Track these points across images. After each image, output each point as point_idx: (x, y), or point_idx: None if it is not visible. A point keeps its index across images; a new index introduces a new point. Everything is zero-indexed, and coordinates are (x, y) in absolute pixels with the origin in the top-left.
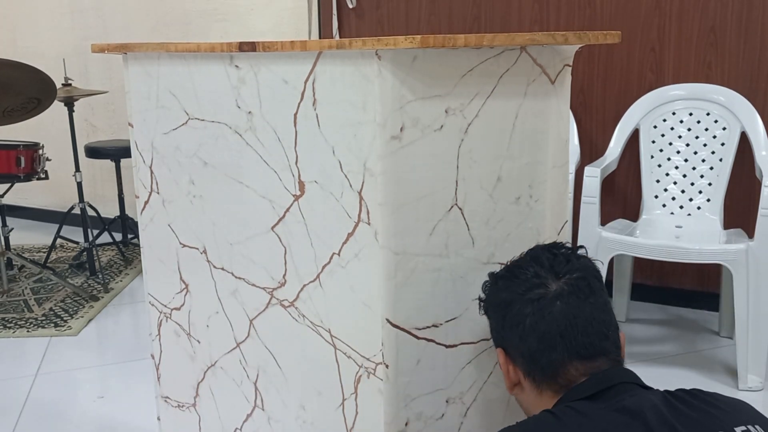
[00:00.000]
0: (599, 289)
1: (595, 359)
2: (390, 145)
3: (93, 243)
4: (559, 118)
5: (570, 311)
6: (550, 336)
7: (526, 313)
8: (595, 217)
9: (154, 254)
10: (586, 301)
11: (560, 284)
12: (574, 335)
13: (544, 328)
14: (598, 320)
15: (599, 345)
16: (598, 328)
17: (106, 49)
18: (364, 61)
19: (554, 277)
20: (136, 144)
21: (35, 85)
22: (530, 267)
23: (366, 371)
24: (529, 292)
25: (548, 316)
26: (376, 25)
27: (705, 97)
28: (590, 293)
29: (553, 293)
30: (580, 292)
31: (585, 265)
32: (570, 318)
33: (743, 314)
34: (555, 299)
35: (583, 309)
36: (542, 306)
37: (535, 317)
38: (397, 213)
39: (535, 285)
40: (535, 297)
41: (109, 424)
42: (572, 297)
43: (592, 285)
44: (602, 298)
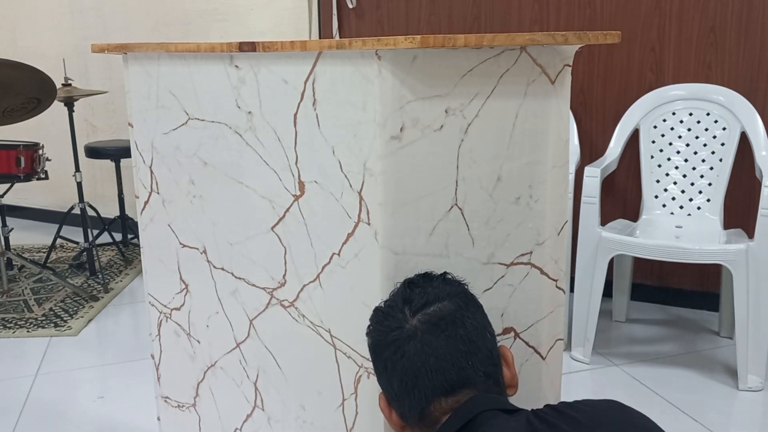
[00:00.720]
0: (460, 318)
1: (457, 393)
2: (390, 145)
3: (93, 243)
4: (559, 118)
5: (423, 350)
6: (407, 378)
7: (386, 357)
8: (595, 217)
9: (154, 254)
10: (441, 334)
11: (414, 322)
12: (429, 375)
13: (401, 371)
14: (454, 354)
15: (458, 378)
16: (454, 361)
17: (106, 49)
18: (364, 61)
19: (411, 315)
20: (136, 144)
21: (35, 85)
22: (390, 308)
23: (366, 371)
24: (388, 335)
25: (402, 358)
26: (376, 25)
27: (705, 97)
28: (446, 326)
29: (407, 333)
30: (434, 328)
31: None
32: (423, 357)
33: (743, 314)
34: (408, 340)
35: (437, 345)
36: (397, 349)
37: (393, 360)
38: (397, 213)
39: (392, 328)
40: (392, 340)
41: (109, 424)
42: (426, 334)
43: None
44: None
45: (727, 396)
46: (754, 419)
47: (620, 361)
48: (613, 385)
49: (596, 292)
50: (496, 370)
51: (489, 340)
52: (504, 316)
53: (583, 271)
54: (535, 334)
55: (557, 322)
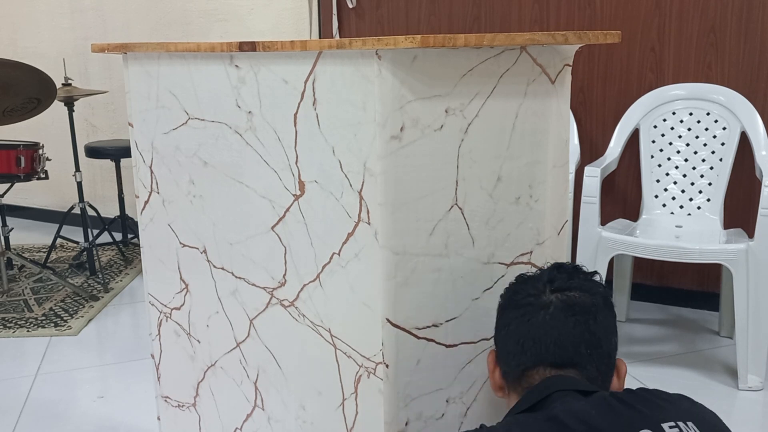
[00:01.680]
0: (595, 312)
1: (563, 369)
2: (390, 145)
3: (93, 243)
4: (559, 118)
5: (550, 322)
6: (524, 340)
7: (512, 317)
8: (595, 217)
9: (154, 254)
10: (572, 317)
11: (551, 298)
12: (545, 342)
13: (522, 332)
14: (577, 336)
15: (570, 357)
16: (576, 342)
17: (106, 49)
18: (364, 61)
19: (549, 291)
20: (136, 144)
21: (35, 85)
22: (533, 279)
23: (366, 371)
24: (522, 300)
25: (528, 323)
26: (376, 25)
27: (705, 97)
28: (580, 312)
29: (541, 303)
30: (568, 309)
31: (588, 288)
32: (547, 328)
33: (743, 314)
34: (540, 309)
35: (564, 323)
36: (527, 312)
37: (518, 321)
38: (397, 213)
39: (530, 295)
40: (525, 304)
41: (109, 424)
42: (558, 311)
43: (585, 306)
44: (596, 320)
45: (727, 396)
46: (754, 419)
47: None
48: None
49: None
50: (608, 371)
51: (612, 346)
52: None
53: None
54: None
55: None
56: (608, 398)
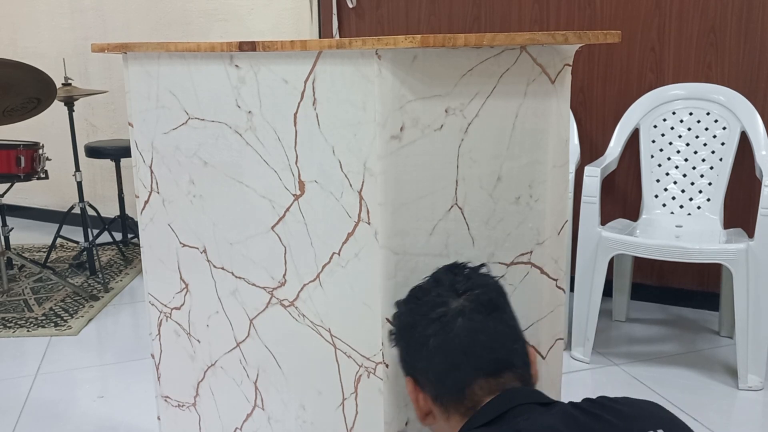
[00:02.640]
0: (502, 304)
1: (500, 375)
2: (390, 145)
3: (93, 243)
4: (559, 118)
5: (473, 326)
6: (454, 354)
7: (429, 334)
8: (595, 217)
9: (154, 254)
10: (489, 316)
11: (461, 301)
12: (477, 351)
13: (448, 347)
14: (502, 334)
15: (504, 359)
16: (503, 341)
17: (106, 49)
18: (364, 61)
19: (455, 295)
20: (136, 144)
21: (35, 85)
22: (432, 288)
23: (366, 371)
24: (431, 312)
25: (451, 333)
26: (376, 24)
27: (705, 96)
28: (493, 308)
29: (455, 310)
30: (482, 308)
31: (486, 282)
32: (473, 334)
33: (743, 314)
34: (457, 316)
35: (485, 324)
36: (444, 324)
37: (439, 336)
38: (397, 213)
39: (437, 304)
40: (437, 316)
41: (109, 424)
42: (474, 313)
43: (494, 300)
44: (506, 313)
45: (727, 396)
46: (754, 419)
47: (620, 361)
48: (613, 385)
49: (596, 291)
50: (529, 361)
51: (523, 333)
52: None
53: (583, 271)
54: (535, 333)
55: (557, 321)
56: (571, 410)
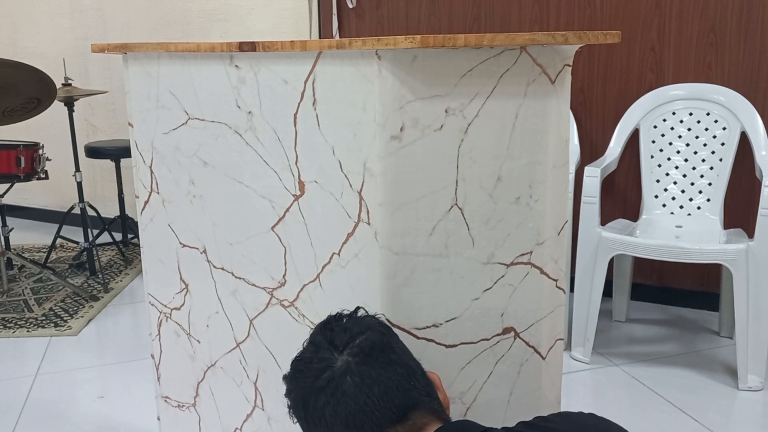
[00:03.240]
0: (388, 344)
1: (408, 418)
2: (390, 145)
3: (93, 243)
4: (559, 118)
5: (363, 382)
6: (352, 417)
7: (322, 404)
8: (595, 217)
9: (154, 254)
10: (377, 363)
11: (345, 358)
12: (375, 404)
13: (344, 411)
14: (395, 377)
15: (406, 402)
16: (398, 384)
17: (106, 49)
18: (364, 61)
19: (337, 353)
20: (136, 144)
21: (35, 85)
22: (313, 355)
23: None
24: (318, 381)
25: (342, 397)
26: (376, 25)
27: (705, 97)
28: (379, 353)
29: (340, 370)
30: (367, 358)
31: (367, 325)
32: (365, 389)
33: (743, 314)
34: (344, 376)
35: (376, 374)
36: (333, 389)
37: (332, 404)
38: (397, 213)
39: (321, 370)
40: (324, 383)
41: (109, 424)
42: (361, 365)
43: (378, 344)
44: (395, 351)
45: (727, 396)
46: (754, 419)
47: (620, 361)
48: (613, 385)
49: (596, 291)
50: (433, 390)
51: (418, 363)
52: (504, 316)
53: (583, 271)
54: (535, 334)
55: (557, 321)
56: None
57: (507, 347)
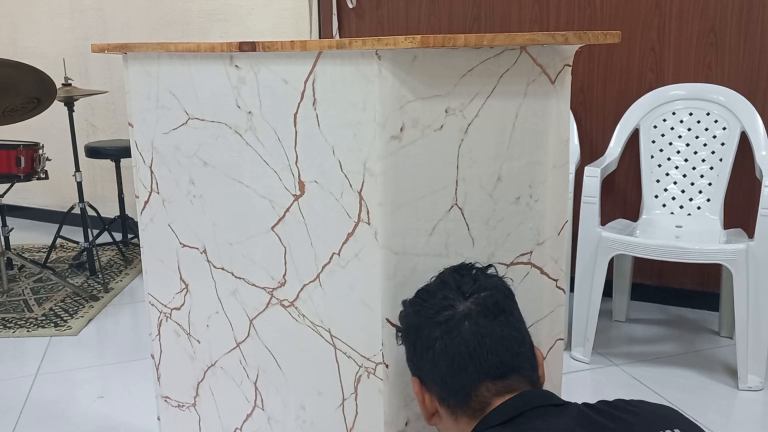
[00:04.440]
0: (509, 307)
1: (507, 377)
2: (390, 145)
3: (93, 243)
4: (559, 118)
5: (479, 331)
6: (459, 357)
7: (435, 337)
8: (595, 217)
9: (154, 254)
10: (495, 320)
11: (468, 305)
12: (483, 355)
13: (454, 350)
14: (508, 338)
15: (510, 363)
16: (509, 345)
17: (106, 49)
18: (364, 61)
19: (462, 298)
20: (136, 144)
21: (35, 85)
22: (438, 290)
23: (366, 371)
24: (437, 315)
25: (457, 337)
26: (376, 25)
27: (705, 97)
28: (499, 312)
29: (461, 314)
30: (488, 312)
31: (494, 284)
32: (479, 338)
33: (743, 314)
34: (463, 320)
35: (492, 328)
36: (450, 328)
37: (444, 340)
38: (397, 213)
39: (443, 307)
40: (443, 319)
41: (109, 424)
42: (480, 317)
43: (501, 303)
44: (513, 315)
45: (727, 396)
46: (754, 419)
47: (620, 361)
48: (613, 385)
49: (596, 291)
50: (535, 363)
51: (529, 335)
52: None
53: (583, 271)
54: (536, 333)
55: (557, 321)
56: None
57: None
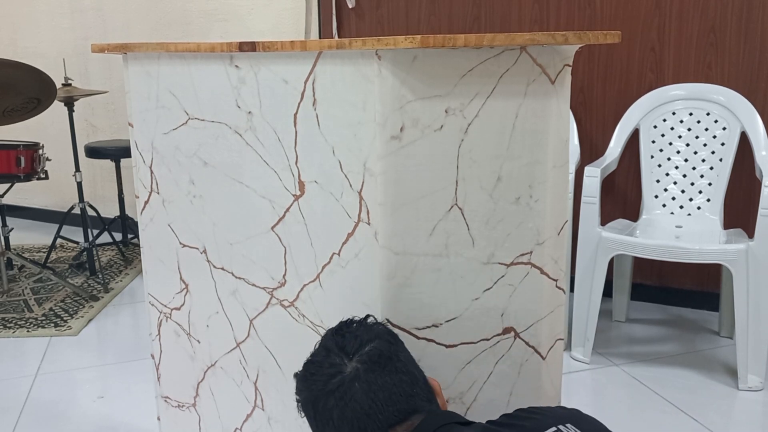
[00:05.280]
0: (395, 353)
1: (409, 419)
2: (390, 145)
3: (93, 243)
4: (559, 118)
5: (370, 388)
6: (358, 420)
7: (331, 407)
8: (595, 217)
9: (154, 254)
10: (383, 370)
11: (354, 365)
12: (380, 409)
13: (351, 415)
14: (399, 384)
15: (407, 407)
16: (401, 391)
17: (106, 49)
18: (364, 61)
19: (347, 359)
20: (136, 144)
21: (35, 85)
22: (324, 359)
23: None
24: (328, 384)
25: (350, 401)
26: (376, 25)
27: (705, 97)
28: (386, 361)
29: (350, 377)
30: (375, 366)
31: (376, 333)
32: (371, 395)
33: (743, 314)
34: (353, 381)
35: (383, 381)
36: (342, 393)
37: (340, 407)
38: (397, 213)
39: (331, 375)
40: (334, 387)
41: (109, 424)
42: (369, 373)
43: (385, 352)
44: (400, 360)
45: (727, 396)
46: (754, 419)
47: (620, 361)
48: (613, 385)
49: (596, 292)
50: (433, 396)
51: (420, 371)
52: (504, 316)
53: (583, 271)
54: (535, 334)
55: (557, 322)
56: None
57: (507, 347)
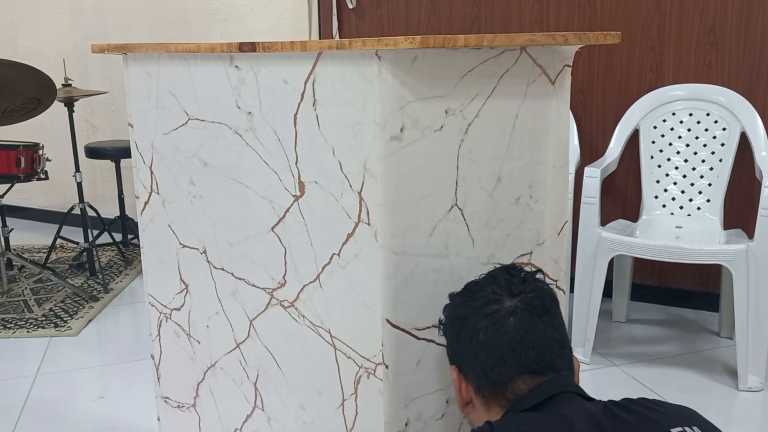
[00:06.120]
0: (554, 310)
1: (543, 374)
2: (390, 146)
3: (93, 243)
4: (559, 118)
5: (523, 327)
6: (501, 350)
7: (480, 327)
8: (595, 218)
9: (154, 254)
10: (539, 319)
11: (514, 302)
12: (524, 350)
13: (497, 342)
14: (549, 338)
15: (549, 361)
16: (550, 345)
17: (106, 49)
18: (364, 62)
19: (509, 295)
20: (136, 144)
21: (35, 85)
22: (487, 284)
23: (366, 371)
24: (485, 308)
25: (501, 330)
26: (376, 25)
27: (705, 97)
28: (544, 312)
29: (507, 309)
30: (533, 310)
31: (541, 287)
32: (522, 333)
33: (743, 314)
34: (509, 315)
35: (535, 326)
36: (496, 320)
37: (489, 331)
38: (397, 213)
39: (491, 300)
40: (490, 312)
41: (109, 424)
42: (525, 314)
43: (546, 305)
44: (556, 319)
45: (727, 396)
46: (754, 419)
47: (620, 361)
48: (613, 385)
49: (596, 292)
50: (572, 369)
51: (569, 342)
52: None
53: (583, 271)
54: None
55: None
56: (610, 406)
57: None
